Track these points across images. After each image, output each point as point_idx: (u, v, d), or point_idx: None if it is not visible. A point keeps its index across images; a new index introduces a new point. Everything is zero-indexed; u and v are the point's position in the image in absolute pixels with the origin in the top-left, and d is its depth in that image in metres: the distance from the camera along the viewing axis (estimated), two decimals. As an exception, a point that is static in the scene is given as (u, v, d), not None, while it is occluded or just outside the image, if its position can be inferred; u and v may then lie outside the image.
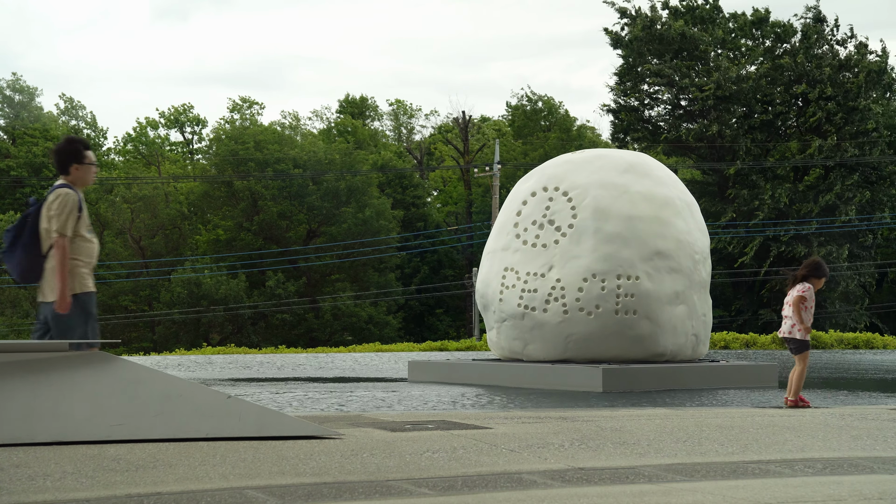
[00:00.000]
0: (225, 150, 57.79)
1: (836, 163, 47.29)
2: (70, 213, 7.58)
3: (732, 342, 29.72)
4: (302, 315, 54.21)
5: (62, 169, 7.81)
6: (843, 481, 5.20)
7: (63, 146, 7.90)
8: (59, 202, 7.59)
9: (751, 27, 51.54)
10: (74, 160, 7.81)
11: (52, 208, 7.59)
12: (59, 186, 7.72)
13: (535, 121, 65.77)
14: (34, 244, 7.65)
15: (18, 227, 7.69)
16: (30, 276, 7.69)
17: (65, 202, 7.59)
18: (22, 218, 7.71)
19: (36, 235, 7.65)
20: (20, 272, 7.67)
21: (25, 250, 7.62)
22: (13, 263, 7.67)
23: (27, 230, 7.65)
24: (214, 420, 6.47)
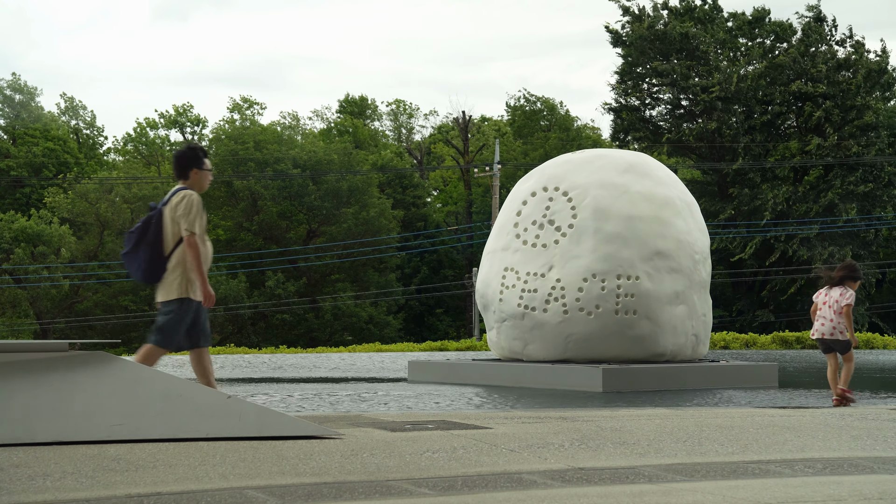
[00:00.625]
0: (225, 150, 57.78)
1: (837, 162, 47.30)
2: (197, 212, 7.84)
3: (732, 342, 29.73)
4: (302, 315, 54.22)
5: (182, 174, 8.11)
6: (843, 481, 5.20)
7: (184, 152, 8.20)
8: (185, 202, 7.85)
9: (749, 27, 51.56)
10: (194, 165, 8.09)
11: (178, 209, 7.84)
12: (180, 189, 7.99)
13: (535, 121, 65.78)
14: (158, 245, 7.88)
15: (142, 229, 7.92)
16: (152, 276, 7.91)
17: (191, 202, 7.84)
18: (146, 220, 7.95)
19: (160, 236, 7.88)
20: (143, 272, 7.90)
21: (150, 251, 7.86)
22: (136, 264, 7.90)
23: (151, 231, 7.88)
24: (214, 420, 6.47)
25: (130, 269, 8.00)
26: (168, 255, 7.87)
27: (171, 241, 7.87)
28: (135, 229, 7.95)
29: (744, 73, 48.57)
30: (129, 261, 7.98)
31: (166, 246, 7.89)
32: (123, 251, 8.01)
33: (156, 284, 7.97)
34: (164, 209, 7.92)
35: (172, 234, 7.86)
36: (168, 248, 7.88)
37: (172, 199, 7.93)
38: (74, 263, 55.67)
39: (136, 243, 7.91)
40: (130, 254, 7.94)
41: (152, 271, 7.89)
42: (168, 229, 7.87)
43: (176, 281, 7.84)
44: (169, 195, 8.00)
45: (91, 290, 55.36)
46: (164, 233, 7.89)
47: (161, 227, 7.90)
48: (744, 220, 48.29)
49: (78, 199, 57.55)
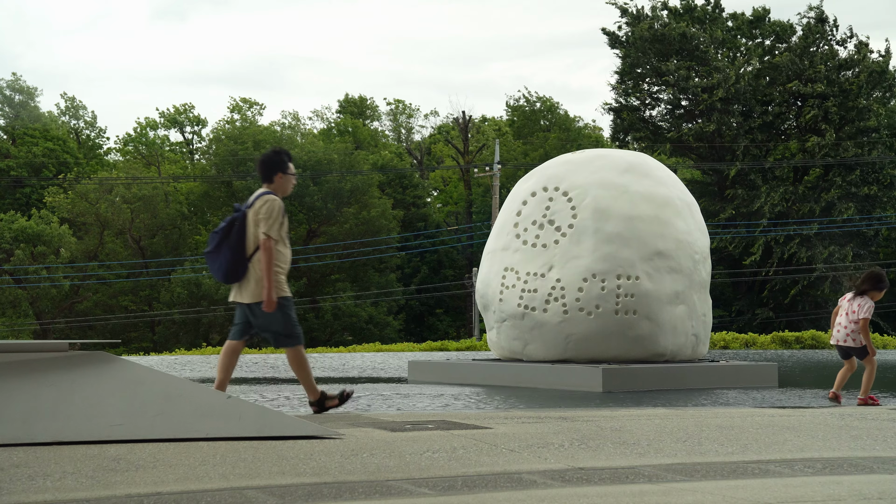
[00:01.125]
0: (224, 150, 57.77)
1: (836, 162, 47.30)
2: (277, 217, 8.08)
3: (732, 342, 29.73)
4: (302, 315, 54.19)
5: (267, 177, 8.34)
6: (843, 481, 5.20)
7: (270, 156, 8.42)
8: (267, 207, 8.08)
9: (749, 27, 51.56)
10: (279, 169, 8.34)
11: (260, 212, 8.07)
12: (264, 193, 8.21)
13: (535, 121, 65.78)
14: (240, 247, 8.12)
15: (226, 230, 8.15)
16: (233, 276, 8.15)
17: (273, 207, 8.08)
18: (229, 221, 8.17)
19: (242, 238, 8.12)
20: (224, 272, 8.13)
21: (232, 252, 8.10)
22: (218, 264, 8.15)
23: (234, 233, 8.11)
24: (214, 420, 6.47)
25: (212, 268, 8.27)
26: (249, 257, 8.12)
27: (252, 243, 8.11)
28: (219, 230, 8.20)
29: (743, 73, 48.58)
30: (210, 260, 8.24)
31: (248, 248, 8.13)
32: (206, 250, 8.26)
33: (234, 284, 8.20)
34: (248, 212, 8.14)
35: (255, 236, 8.09)
36: (250, 251, 8.13)
37: (256, 203, 8.14)
38: (74, 263, 55.67)
39: (219, 244, 8.15)
40: (213, 253, 8.19)
41: (233, 272, 8.12)
42: (251, 232, 8.11)
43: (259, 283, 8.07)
44: (253, 198, 8.22)
45: (91, 290, 55.36)
46: (247, 235, 8.12)
47: (244, 229, 8.13)
48: (743, 221, 48.29)
49: (78, 199, 57.55)
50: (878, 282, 10.26)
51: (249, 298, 8.10)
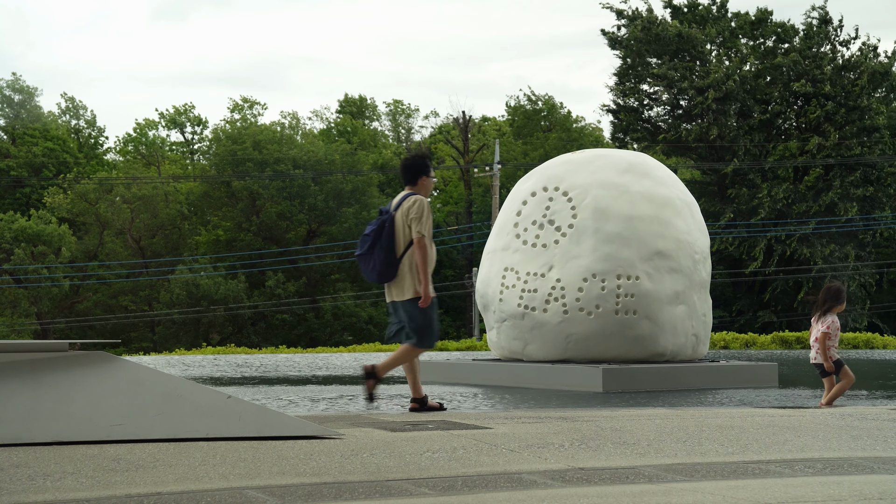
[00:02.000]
0: (224, 150, 57.77)
1: (837, 162, 47.31)
2: (427, 217, 8.46)
3: (732, 342, 29.72)
4: (302, 315, 54.22)
5: (411, 180, 8.72)
6: (843, 481, 5.20)
7: (415, 160, 8.79)
8: (417, 206, 8.47)
9: (751, 27, 51.54)
10: (423, 173, 8.73)
11: (411, 213, 8.45)
12: (411, 194, 8.59)
13: (535, 121, 65.75)
14: (391, 247, 8.48)
15: (377, 233, 8.49)
16: (386, 276, 8.51)
17: (422, 207, 8.47)
18: (379, 224, 8.51)
19: (392, 239, 8.48)
20: (378, 273, 8.49)
21: (384, 252, 8.45)
22: (371, 265, 8.51)
23: (385, 235, 8.45)
24: (214, 420, 6.47)
25: (365, 269, 8.61)
26: (400, 257, 8.46)
27: (402, 243, 8.47)
28: (369, 232, 8.52)
29: (738, 72, 48.56)
30: (363, 262, 8.59)
31: (398, 248, 8.48)
32: (358, 252, 8.62)
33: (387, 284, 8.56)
34: (396, 214, 8.50)
35: (404, 237, 8.46)
36: (399, 251, 8.48)
37: (404, 204, 8.51)
38: (74, 263, 55.67)
39: (371, 246, 8.49)
40: (365, 255, 8.54)
41: (386, 272, 8.48)
42: (400, 233, 8.46)
43: (413, 280, 8.42)
44: (399, 200, 8.58)
45: (91, 290, 55.36)
46: (396, 236, 8.47)
47: (393, 230, 8.48)
48: (743, 221, 48.29)
49: (78, 199, 57.55)
50: (835, 296, 10.28)
51: (403, 295, 8.45)
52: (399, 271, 8.47)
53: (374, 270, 8.49)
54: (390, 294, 8.60)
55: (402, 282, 8.48)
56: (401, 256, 8.47)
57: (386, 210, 8.61)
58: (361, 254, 8.57)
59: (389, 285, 8.59)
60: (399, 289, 8.50)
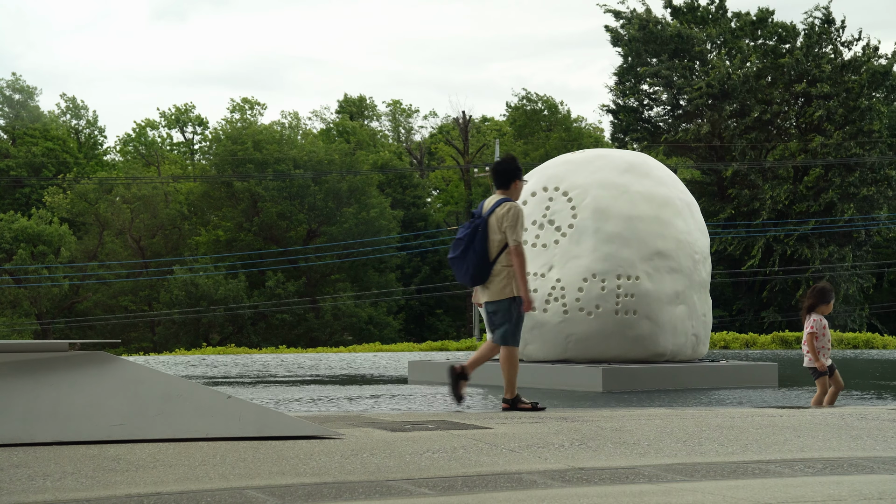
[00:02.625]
0: (224, 150, 57.76)
1: (836, 162, 47.31)
2: (521, 223, 8.65)
3: (732, 342, 29.72)
4: (302, 315, 54.20)
5: (504, 184, 8.87)
6: (843, 481, 5.20)
7: (507, 165, 8.93)
8: (512, 213, 8.63)
9: (752, 27, 51.54)
10: (516, 177, 8.88)
11: (505, 219, 8.61)
12: (504, 200, 8.75)
13: (536, 121, 65.73)
14: (484, 251, 8.66)
15: (470, 237, 8.69)
16: (479, 279, 8.73)
17: (517, 213, 8.65)
18: (472, 228, 8.71)
19: (485, 243, 8.66)
20: (472, 276, 8.70)
21: (477, 256, 8.65)
22: (464, 268, 8.71)
23: (478, 239, 8.65)
24: (214, 420, 6.46)
25: (458, 272, 8.81)
26: (493, 261, 8.63)
27: (495, 247, 8.64)
28: (462, 236, 8.71)
29: (743, 72, 48.57)
30: (456, 265, 8.79)
31: (491, 252, 8.65)
32: (451, 256, 8.83)
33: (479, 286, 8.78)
34: (490, 218, 8.67)
35: (498, 241, 8.62)
36: (492, 255, 8.65)
37: (498, 210, 8.67)
38: (74, 263, 55.67)
39: (465, 250, 8.68)
40: (458, 259, 8.75)
41: (479, 275, 8.69)
42: (494, 237, 8.63)
43: (503, 283, 8.60)
44: (493, 205, 8.72)
45: (91, 290, 55.35)
46: (490, 240, 8.64)
47: (486, 234, 8.65)
48: (743, 220, 48.30)
49: (78, 199, 57.54)
50: (821, 296, 10.24)
51: (496, 296, 8.63)
52: (491, 274, 8.67)
53: (468, 274, 8.69)
54: (482, 296, 8.81)
55: (493, 284, 8.68)
56: (493, 261, 8.65)
57: (478, 214, 8.80)
58: (454, 257, 8.77)
59: (481, 287, 8.80)
60: (490, 290, 8.70)
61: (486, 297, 8.76)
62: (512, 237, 8.54)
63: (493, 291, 8.67)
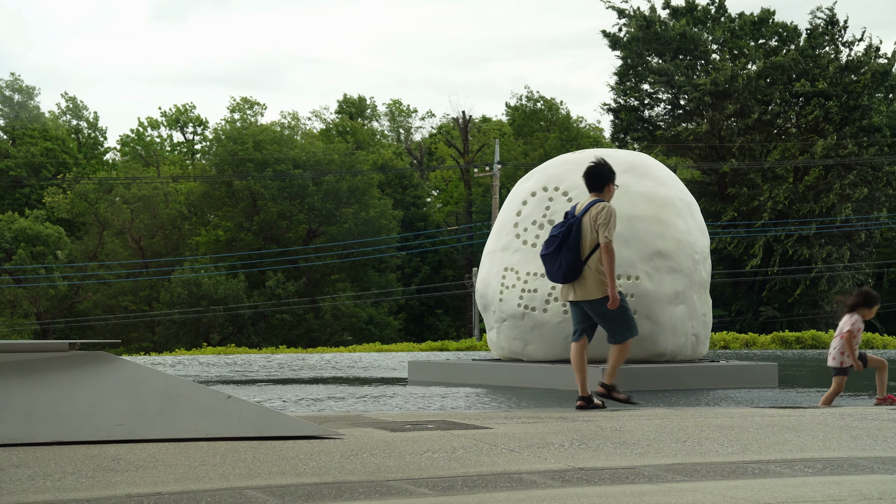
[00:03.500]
0: (224, 150, 57.75)
1: (836, 162, 47.31)
2: (614, 222, 8.86)
3: (732, 342, 29.72)
4: (302, 315, 54.20)
5: (598, 187, 9.14)
6: (843, 481, 5.20)
7: (602, 169, 9.19)
8: (605, 213, 8.87)
9: (752, 27, 51.53)
10: (610, 180, 9.19)
11: (599, 218, 8.83)
12: (598, 200, 8.98)
13: (535, 121, 65.73)
14: (577, 249, 8.87)
15: (565, 234, 8.89)
16: (571, 277, 8.91)
17: (610, 213, 8.88)
18: (567, 226, 8.90)
19: (578, 242, 8.88)
20: (564, 273, 8.89)
21: (571, 254, 8.85)
22: (557, 265, 8.92)
23: (572, 238, 8.86)
24: (214, 420, 6.47)
25: (550, 269, 9.00)
26: (585, 259, 8.84)
27: (588, 246, 8.85)
28: (557, 234, 8.92)
29: (743, 72, 48.56)
30: (548, 261, 8.97)
31: (583, 251, 8.85)
32: (543, 252, 9.03)
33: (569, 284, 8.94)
34: (584, 218, 8.88)
35: (591, 240, 8.83)
36: (585, 253, 8.85)
37: (592, 210, 8.88)
38: (74, 263, 55.67)
39: (558, 247, 8.89)
40: (551, 256, 8.94)
41: (571, 273, 8.88)
42: (587, 236, 8.84)
43: (598, 281, 8.80)
44: (587, 205, 8.95)
45: (91, 290, 55.35)
46: (583, 239, 8.86)
47: (580, 234, 8.87)
48: (744, 220, 48.30)
49: (77, 199, 57.54)
50: (866, 298, 10.24)
51: (588, 296, 8.84)
52: (583, 272, 8.85)
53: (560, 271, 8.88)
54: (572, 294, 8.97)
55: (585, 282, 8.86)
56: (586, 259, 8.84)
57: (572, 214, 8.99)
58: (547, 254, 8.95)
59: (572, 285, 8.95)
60: (583, 289, 8.88)
61: (578, 296, 8.94)
62: (603, 234, 8.76)
63: (586, 290, 8.88)
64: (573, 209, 9.09)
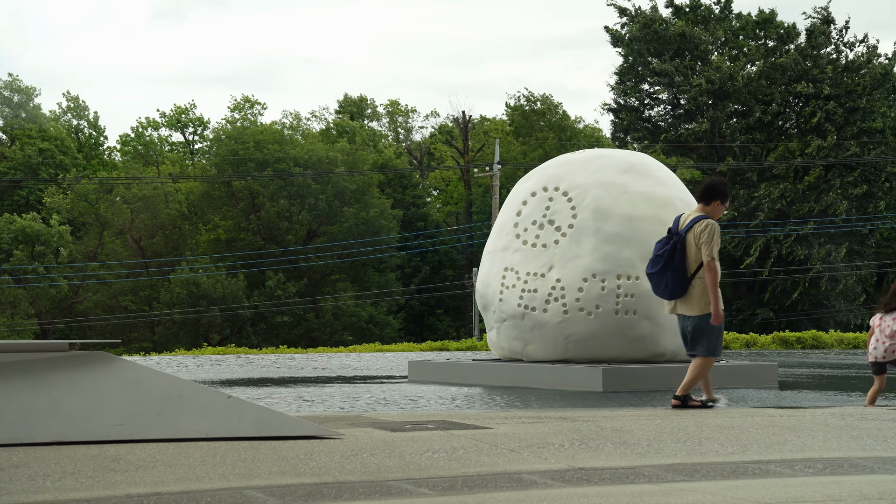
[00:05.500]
0: (225, 150, 57.74)
1: (836, 162, 47.31)
2: (717, 240, 8.92)
3: (732, 342, 29.72)
4: (302, 315, 54.19)
5: (706, 200, 9.18)
6: (843, 481, 5.20)
7: (719, 185, 9.26)
8: (709, 231, 8.93)
9: (753, 27, 51.52)
10: (720, 198, 9.16)
11: (702, 236, 8.92)
12: (702, 217, 9.04)
13: (535, 121, 65.70)
14: (682, 267, 9.02)
15: (670, 253, 9.03)
16: (678, 293, 9.05)
17: (713, 230, 8.94)
18: (672, 244, 9.03)
19: (683, 259, 9.01)
20: (671, 291, 9.04)
21: (676, 272, 9.00)
22: (664, 284, 9.07)
23: (676, 256, 9.01)
24: (214, 420, 6.46)
25: (656, 287, 9.15)
26: (691, 277, 8.98)
27: (693, 263, 8.98)
28: (662, 253, 9.05)
29: (744, 73, 48.56)
30: (655, 280, 9.13)
31: (689, 267, 9.00)
32: (649, 271, 9.17)
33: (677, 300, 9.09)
34: (688, 235, 8.99)
35: (695, 258, 8.95)
36: (690, 270, 8.99)
37: (695, 227, 8.98)
38: (74, 263, 55.66)
39: (664, 266, 9.03)
40: (657, 275, 9.09)
41: (677, 290, 9.01)
42: (692, 253, 8.97)
43: (703, 298, 8.91)
44: (690, 222, 9.04)
45: (91, 290, 55.34)
46: (688, 256, 8.98)
47: (685, 251, 8.99)
48: (742, 220, 48.30)
49: (77, 200, 57.54)
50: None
51: (692, 311, 8.97)
52: (689, 289, 8.98)
53: (667, 289, 9.02)
54: (678, 309, 9.12)
55: (690, 299, 8.99)
56: (692, 276, 8.97)
57: (675, 231, 9.11)
58: (654, 273, 9.10)
59: (677, 301, 9.11)
60: (688, 305, 9.01)
61: (684, 311, 9.09)
62: (706, 253, 8.84)
63: (691, 306, 9.01)
64: (676, 224, 9.20)
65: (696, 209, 9.24)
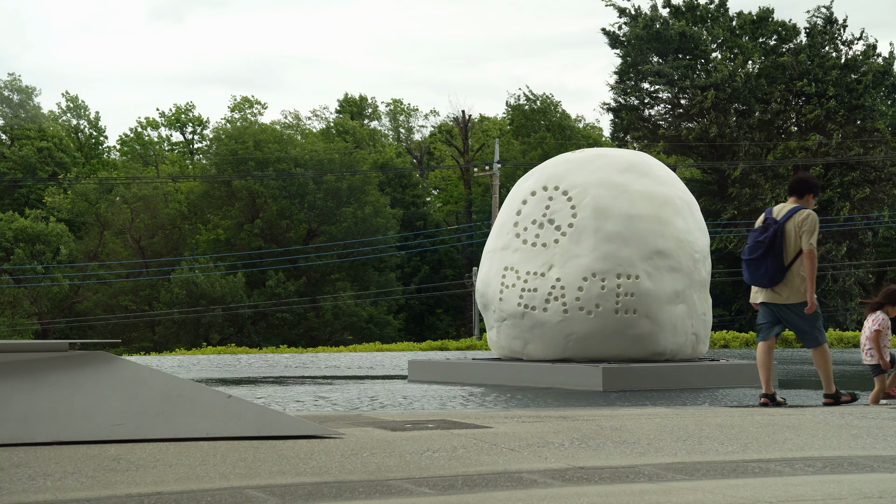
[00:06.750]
0: (225, 149, 57.74)
1: (837, 161, 47.31)
2: (816, 230, 9.16)
3: (732, 341, 29.72)
4: (302, 315, 54.20)
5: (799, 193, 9.46)
6: (843, 480, 5.20)
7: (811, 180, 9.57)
8: (811, 220, 9.19)
9: (752, 26, 51.50)
10: (812, 192, 9.46)
11: (804, 225, 9.17)
12: (801, 208, 9.29)
13: (535, 120, 65.71)
14: (780, 255, 9.21)
15: (771, 240, 9.20)
16: (775, 281, 9.24)
17: (814, 221, 9.20)
18: (773, 232, 9.21)
19: (782, 248, 9.21)
20: (769, 278, 9.22)
21: (775, 259, 9.19)
22: (763, 270, 9.24)
23: (776, 244, 9.19)
24: (214, 420, 6.46)
25: (754, 273, 9.33)
26: (789, 265, 9.18)
27: (791, 251, 9.19)
28: (763, 239, 9.22)
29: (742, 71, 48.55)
30: (753, 267, 9.32)
31: (787, 256, 9.20)
32: (746, 257, 9.36)
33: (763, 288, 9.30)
34: (787, 224, 9.22)
35: (794, 246, 9.17)
36: (788, 258, 9.19)
37: (795, 217, 9.22)
38: (74, 263, 55.66)
39: (764, 253, 9.20)
40: (757, 261, 9.28)
41: (775, 277, 9.20)
42: (791, 242, 9.18)
43: (798, 286, 9.15)
44: (789, 212, 9.28)
45: (91, 290, 55.34)
46: (787, 245, 9.19)
47: (784, 239, 9.20)
48: (744, 220, 48.30)
49: (78, 199, 57.53)
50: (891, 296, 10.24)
51: (789, 300, 9.21)
52: (786, 277, 9.18)
53: (766, 276, 9.20)
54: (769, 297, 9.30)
55: (787, 287, 9.20)
56: (790, 264, 9.16)
57: (772, 219, 9.28)
58: (752, 258, 9.26)
59: (765, 290, 9.31)
60: (783, 293, 9.22)
61: (777, 299, 9.25)
62: (807, 241, 9.07)
63: (788, 294, 9.19)
64: (771, 214, 9.35)
65: (790, 201, 9.45)
